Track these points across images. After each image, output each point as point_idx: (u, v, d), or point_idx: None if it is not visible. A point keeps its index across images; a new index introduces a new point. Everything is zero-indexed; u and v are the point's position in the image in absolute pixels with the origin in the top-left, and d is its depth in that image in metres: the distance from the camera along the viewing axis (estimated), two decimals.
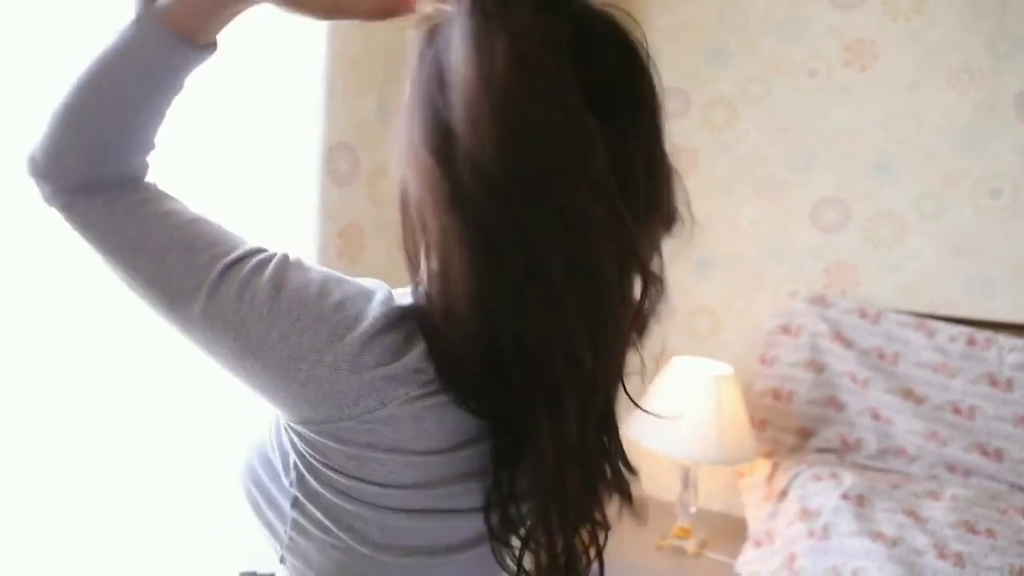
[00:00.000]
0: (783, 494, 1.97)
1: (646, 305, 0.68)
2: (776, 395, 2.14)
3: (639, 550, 2.01)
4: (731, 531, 2.12)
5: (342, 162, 1.69)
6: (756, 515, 2.03)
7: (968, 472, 1.94)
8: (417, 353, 0.60)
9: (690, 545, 2.01)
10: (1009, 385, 1.92)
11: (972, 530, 1.70)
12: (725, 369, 2.00)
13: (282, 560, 0.67)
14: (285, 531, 0.66)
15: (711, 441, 1.86)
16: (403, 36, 0.67)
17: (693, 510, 2.05)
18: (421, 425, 0.60)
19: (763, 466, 2.11)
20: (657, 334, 2.22)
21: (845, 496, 1.79)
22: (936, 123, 2.00)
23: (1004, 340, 1.93)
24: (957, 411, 1.97)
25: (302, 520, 0.64)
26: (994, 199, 1.96)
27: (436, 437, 0.61)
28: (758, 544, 1.94)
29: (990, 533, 1.69)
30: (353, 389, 0.58)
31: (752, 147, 2.19)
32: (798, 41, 2.12)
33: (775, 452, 2.13)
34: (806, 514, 1.82)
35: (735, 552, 1.98)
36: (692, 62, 2.24)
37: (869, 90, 2.06)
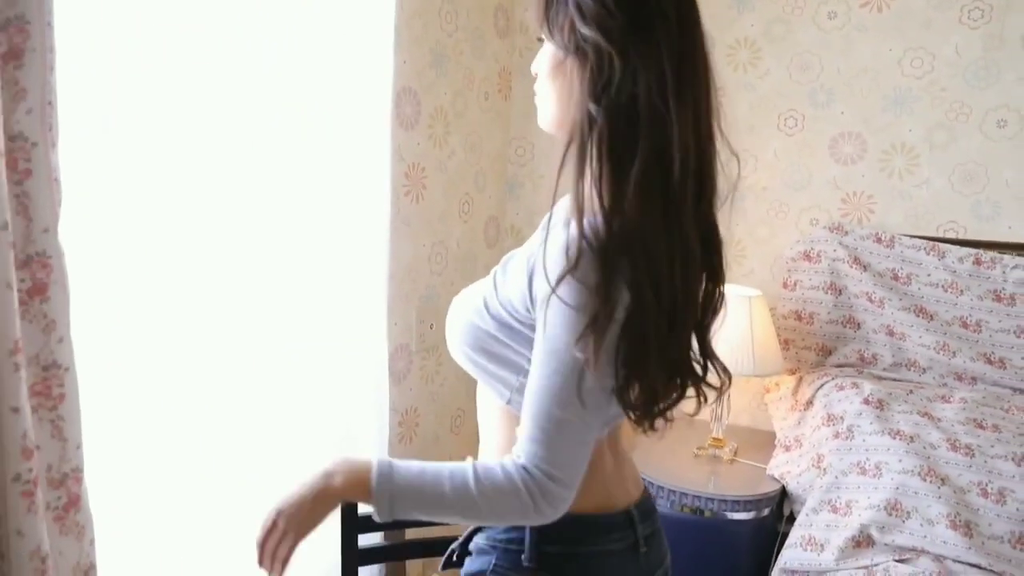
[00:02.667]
0: (808, 404, 2.17)
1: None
2: (798, 316, 2.33)
3: (679, 459, 2.21)
4: (759, 442, 2.32)
5: (407, 106, 1.82)
6: (783, 424, 2.24)
7: (975, 379, 2.14)
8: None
9: (724, 453, 2.21)
10: (1012, 300, 2.10)
11: (980, 426, 1.90)
12: (754, 292, 2.17)
13: (509, 401, 0.90)
14: (518, 379, 0.87)
15: (746, 356, 2.05)
16: None
17: (727, 422, 2.25)
18: None
19: (788, 381, 2.31)
20: None
21: (866, 401, 1.98)
22: (948, 58, 2.14)
23: (1008, 259, 2.11)
24: (965, 325, 2.16)
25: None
26: (1001, 128, 2.12)
27: None
28: (787, 449, 2.15)
29: (996, 428, 1.90)
30: None
31: (774, 85, 2.33)
32: None
33: (798, 369, 2.32)
34: (831, 419, 2.02)
35: (765, 458, 2.19)
36: (717, 5, 2.36)
37: (885, 29, 2.19)
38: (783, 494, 2.09)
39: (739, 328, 2.06)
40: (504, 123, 2.37)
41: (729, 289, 2.15)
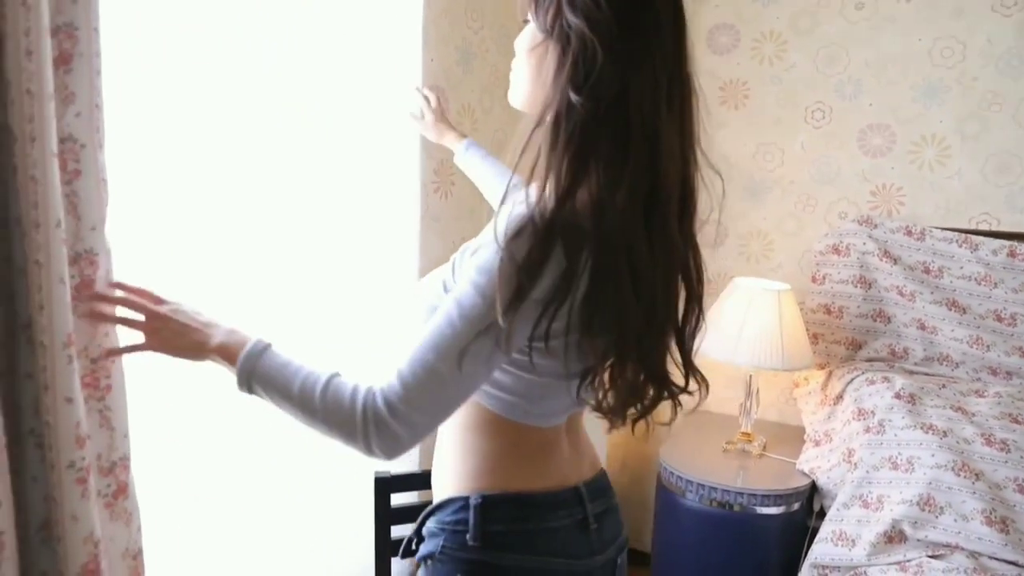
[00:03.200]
0: (839, 398, 2.15)
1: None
2: (827, 310, 2.31)
3: (707, 454, 2.21)
4: (788, 437, 2.31)
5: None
6: (813, 419, 2.23)
7: (1010, 374, 2.11)
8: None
9: (753, 448, 2.21)
10: None
11: (1016, 421, 1.88)
12: (783, 286, 2.16)
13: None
14: None
15: (774, 350, 2.04)
16: None
17: (755, 416, 2.24)
18: None
19: (817, 376, 2.30)
20: (713, 258, 2.49)
21: (898, 395, 1.97)
22: (980, 47, 2.11)
23: None
24: (999, 319, 2.13)
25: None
26: None
27: None
28: (817, 443, 2.14)
29: None
30: None
31: (801, 77, 2.32)
32: None
33: (828, 363, 2.31)
34: (861, 413, 2.01)
35: (794, 453, 2.18)
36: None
37: (914, 19, 2.17)
38: (813, 489, 2.08)
39: (767, 322, 2.06)
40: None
41: (757, 283, 2.15)
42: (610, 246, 0.81)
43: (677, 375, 0.97)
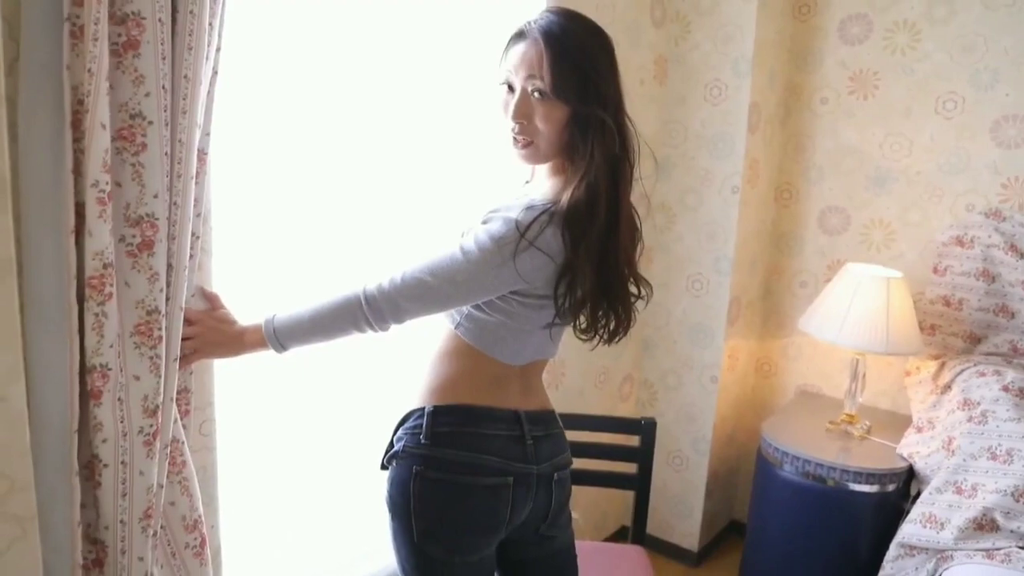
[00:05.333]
0: (947, 387, 2.17)
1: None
2: (947, 302, 2.31)
3: (809, 431, 2.30)
4: (897, 424, 2.34)
5: None
6: (920, 407, 2.25)
7: None
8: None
9: (856, 430, 2.27)
10: None
11: None
12: (894, 273, 2.20)
13: (457, 326, 1.22)
14: (468, 309, 1.20)
15: (879, 334, 2.10)
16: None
17: (860, 399, 2.30)
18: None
19: (930, 366, 2.31)
20: (833, 245, 2.65)
21: (1006, 388, 1.97)
22: None
23: None
24: None
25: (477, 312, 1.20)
26: None
27: None
28: (919, 430, 2.17)
29: None
30: None
31: (934, 67, 2.31)
32: None
33: (943, 355, 2.31)
34: (967, 404, 2.02)
35: (899, 439, 2.22)
36: None
37: None
38: (911, 474, 2.13)
39: (874, 307, 2.11)
40: (659, 107, 2.54)
41: (868, 269, 2.21)
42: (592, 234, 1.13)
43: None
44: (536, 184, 1.28)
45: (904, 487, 2.13)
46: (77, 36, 0.94)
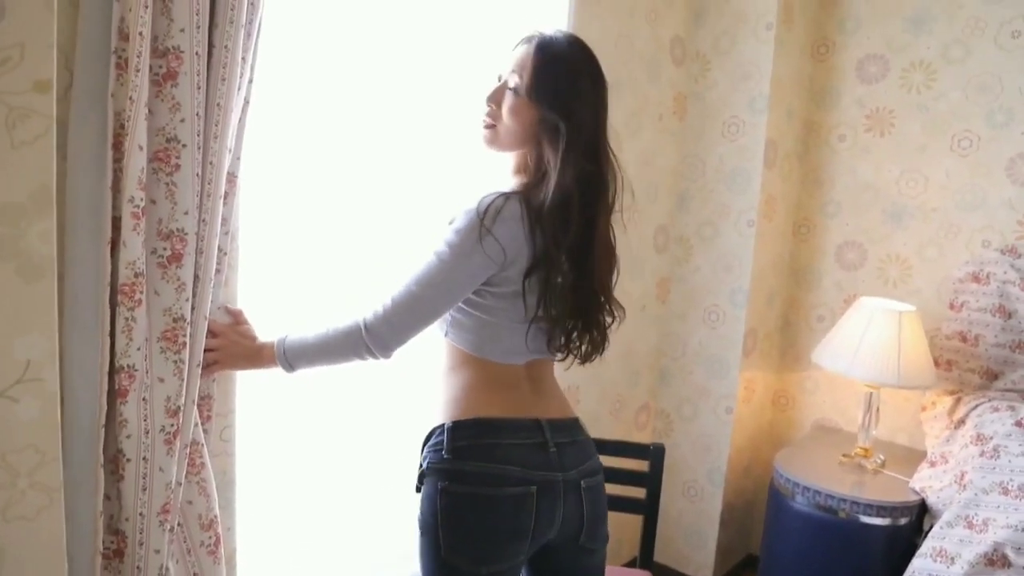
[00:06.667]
0: (961, 422, 2.16)
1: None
2: (963, 338, 2.31)
3: (822, 463, 2.30)
4: (912, 459, 2.33)
5: None
6: (934, 441, 2.24)
7: None
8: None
9: (869, 463, 2.27)
10: None
11: None
12: (907, 307, 2.21)
13: (446, 334, 1.28)
14: (451, 315, 1.27)
15: (891, 367, 2.11)
16: (632, 23, 1.10)
17: (875, 433, 2.30)
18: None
19: (945, 401, 2.30)
20: (850, 279, 2.69)
21: (1019, 423, 1.96)
22: None
23: None
24: None
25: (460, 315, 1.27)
26: None
27: None
28: (932, 464, 2.16)
29: None
30: None
31: (950, 106, 2.34)
32: (1000, 0, 2.23)
33: (960, 390, 2.30)
34: (980, 438, 2.02)
35: (913, 474, 2.21)
36: (892, 29, 2.42)
37: None
38: (924, 508, 2.11)
39: (886, 339, 2.13)
40: (679, 142, 2.61)
41: (881, 303, 2.23)
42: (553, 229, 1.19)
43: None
44: (501, 182, 1.34)
45: (917, 521, 2.12)
46: (122, 67, 1.05)
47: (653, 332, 2.69)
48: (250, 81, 1.24)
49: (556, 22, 2.05)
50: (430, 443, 1.27)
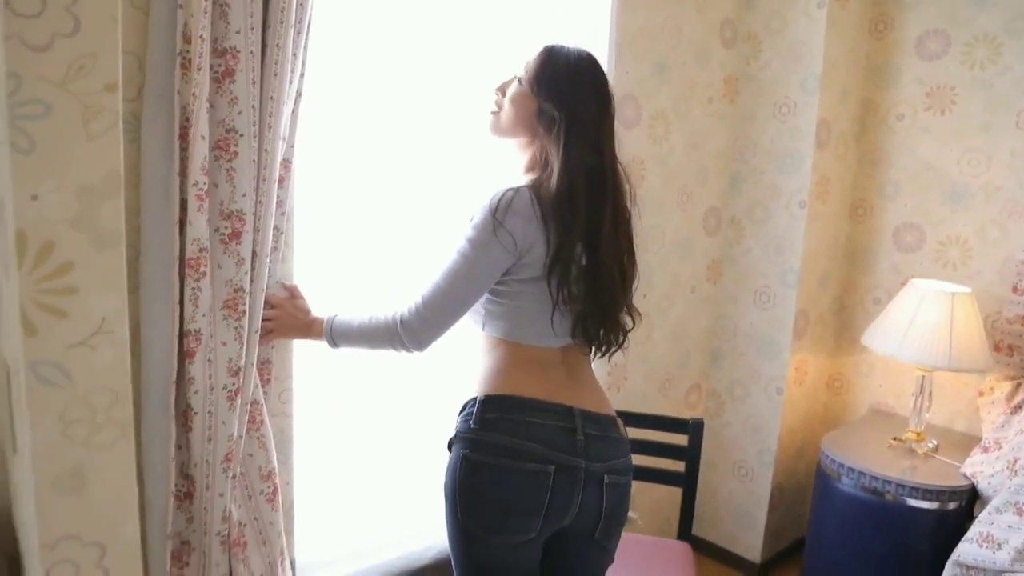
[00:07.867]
0: (1018, 408, 2.12)
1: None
2: None
3: (871, 446, 2.29)
4: (969, 446, 2.28)
5: (629, 110, 2.21)
6: (990, 427, 2.20)
7: None
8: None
9: (920, 447, 2.24)
10: None
11: None
12: (961, 289, 2.17)
13: (483, 327, 1.36)
14: (483, 307, 1.35)
15: (942, 349, 2.08)
16: (680, 8, 1.16)
17: (928, 416, 2.27)
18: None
19: (1004, 386, 2.25)
20: (908, 262, 2.69)
21: None
22: None
23: None
24: None
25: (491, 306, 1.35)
26: None
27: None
28: (986, 450, 2.13)
29: None
30: None
31: (1015, 81, 2.27)
32: None
33: (1020, 376, 2.24)
34: None
35: (964, 459, 2.18)
36: (956, 3, 2.35)
37: None
38: (975, 494, 2.09)
39: (937, 321, 2.10)
40: (729, 124, 2.61)
41: (933, 284, 2.21)
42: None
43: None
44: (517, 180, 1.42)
45: (967, 507, 2.09)
46: (186, 67, 1.19)
47: (704, 313, 2.72)
48: (301, 75, 1.36)
49: (599, 11, 2.11)
50: (462, 413, 1.35)
